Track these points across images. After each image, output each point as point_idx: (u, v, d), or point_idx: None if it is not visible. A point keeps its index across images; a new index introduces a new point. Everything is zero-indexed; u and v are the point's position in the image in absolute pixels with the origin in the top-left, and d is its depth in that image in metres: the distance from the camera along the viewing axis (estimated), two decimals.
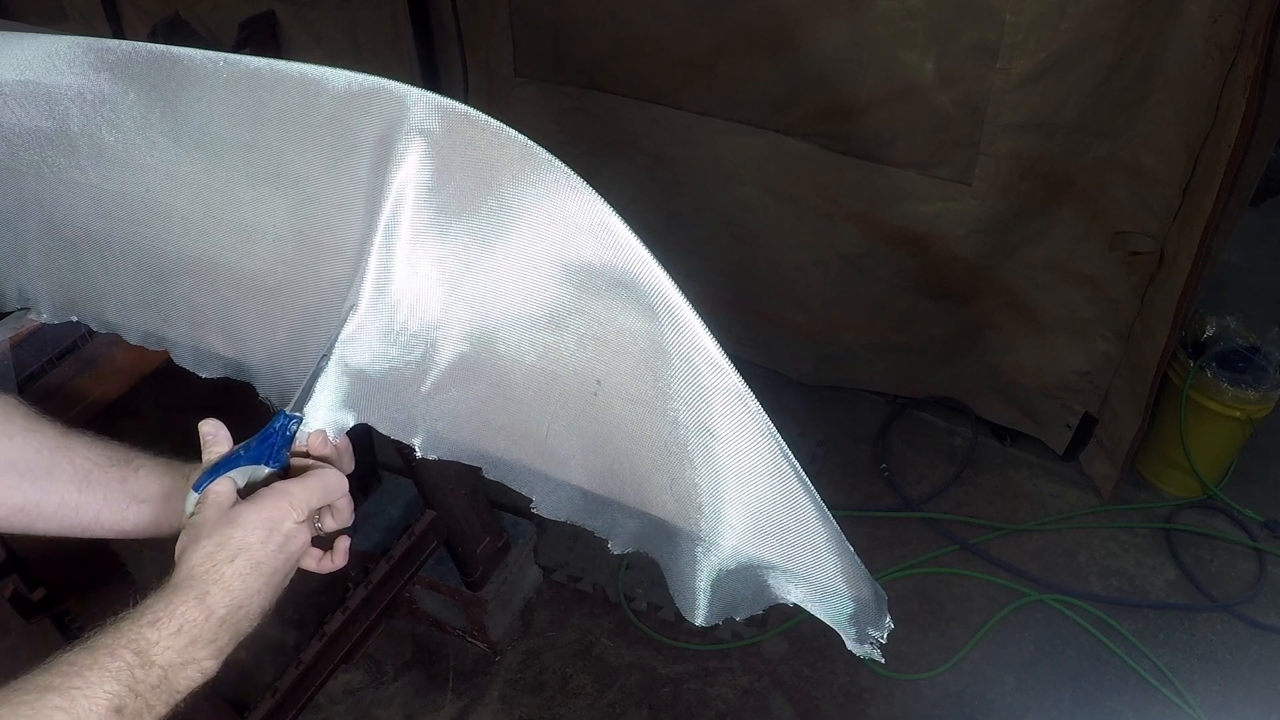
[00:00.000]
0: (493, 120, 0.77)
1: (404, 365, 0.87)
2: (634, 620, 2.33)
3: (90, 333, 1.37)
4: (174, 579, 0.75)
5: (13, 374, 1.30)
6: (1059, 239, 2.27)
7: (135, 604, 0.73)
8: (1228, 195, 1.89)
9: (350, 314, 0.84)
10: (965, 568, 2.44)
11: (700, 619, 0.86)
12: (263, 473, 0.85)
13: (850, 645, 0.84)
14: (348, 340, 0.85)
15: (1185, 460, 2.47)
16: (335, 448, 0.89)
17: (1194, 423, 2.42)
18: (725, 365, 0.76)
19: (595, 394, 0.83)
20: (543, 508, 0.93)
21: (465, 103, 0.78)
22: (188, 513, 0.83)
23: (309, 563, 0.89)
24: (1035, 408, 2.63)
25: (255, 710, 1.69)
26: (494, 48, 2.70)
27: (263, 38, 2.86)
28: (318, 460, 0.88)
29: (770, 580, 0.84)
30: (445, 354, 0.87)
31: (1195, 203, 1.99)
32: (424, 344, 0.87)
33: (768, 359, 2.89)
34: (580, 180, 0.76)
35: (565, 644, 2.30)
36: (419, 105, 0.79)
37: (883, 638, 0.83)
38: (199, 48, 0.88)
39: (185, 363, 1.06)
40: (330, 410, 0.88)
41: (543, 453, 0.90)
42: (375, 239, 0.82)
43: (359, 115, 0.83)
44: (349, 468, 0.90)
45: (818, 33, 2.17)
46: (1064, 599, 2.34)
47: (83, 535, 0.91)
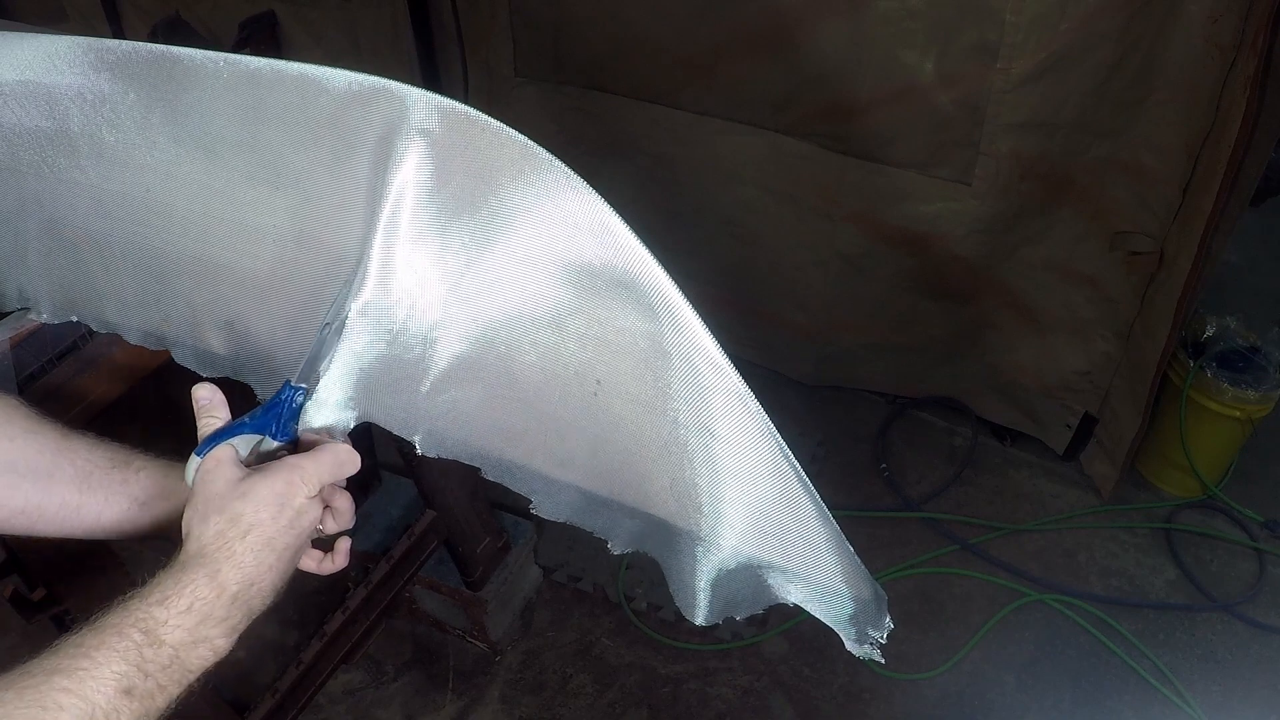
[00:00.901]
0: (493, 120, 0.77)
1: (404, 364, 0.87)
2: (634, 620, 2.33)
3: (90, 333, 1.37)
4: (183, 556, 0.74)
5: (13, 374, 1.30)
6: (1059, 239, 2.27)
7: (143, 582, 0.72)
8: (1228, 195, 1.89)
9: (350, 304, 0.84)
10: (965, 568, 2.44)
11: (700, 618, 0.86)
12: (271, 445, 0.83)
13: (850, 645, 0.84)
14: (349, 333, 0.85)
15: (1185, 460, 2.47)
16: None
17: (1194, 423, 2.42)
18: (725, 365, 0.76)
19: (595, 394, 0.83)
20: (542, 509, 0.93)
21: (465, 103, 0.78)
22: (189, 480, 0.81)
23: (309, 564, 0.89)
24: (1035, 408, 2.63)
25: (255, 710, 1.69)
26: (494, 48, 2.70)
27: (263, 38, 2.86)
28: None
29: (770, 580, 0.84)
30: (445, 354, 0.87)
31: (1195, 203, 1.99)
32: (424, 344, 0.86)
33: (768, 359, 2.89)
34: (580, 180, 0.76)
35: (565, 644, 2.30)
36: (419, 105, 0.79)
37: (882, 638, 0.83)
38: (199, 48, 0.88)
39: (186, 362, 1.05)
40: (334, 410, 0.87)
41: (543, 452, 0.90)
42: (375, 239, 0.82)
43: (359, 115, 0.83)
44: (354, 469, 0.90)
45: (818, 33, 2.17)
46: (1064, 599, 2.34)
47: (83, 536, 0.91)
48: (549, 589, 2.41)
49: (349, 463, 0.84)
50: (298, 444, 0.86)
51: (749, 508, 0.81)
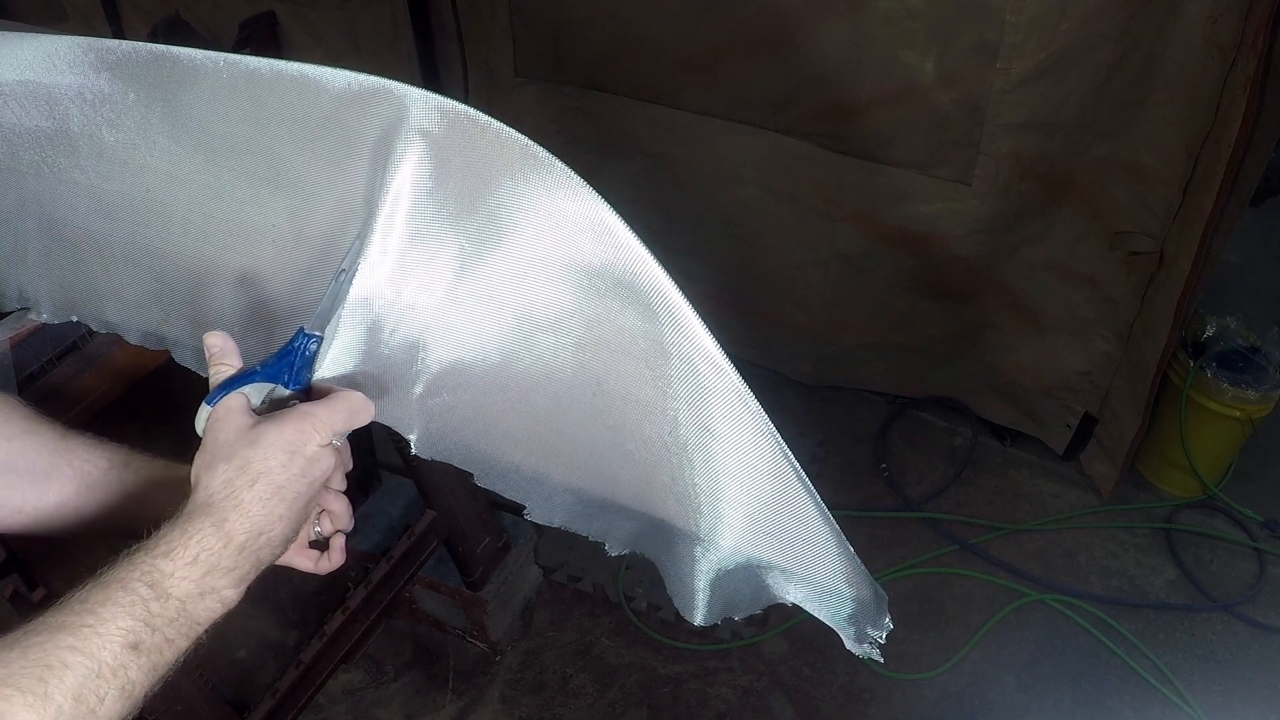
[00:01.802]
0: (493, 120, 0.77)
1: (396, 366, 0.87)
2: (634, 620, 2.33)
3: (90, 333, 1.37)
4: (190, 506, 0.71)
5: (13, 374, 1.30)
6: (1059, 239, 2.27)
7: (149, 534, 0.69)
8: (1228, 195, 1.89)
9: (364, 255, 0.83)
10: (965, 568, 2.44)
11: (699, 618, 0.86)
12: (283, 394, 0.81)
13: (849, 645, 0.84)
14: (341, 332, 0.84)
15: (1185, 460, 2.47)
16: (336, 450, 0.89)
17: (1194, 423, 2.42)
18: (725, 365, 0.76)
19: (595, 394, 0.83)
20: (537, 514, 0.92)
21: (465, 103, 0.78)
22: (200, 430, 0.79)
23: (307, 564, 0.88)
24: (1035, 408, 2.63)
25: (255, 710, 1.69)
26: (494, 48, 2.70)
27: (263, 38, 2.86)
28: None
29: (770, 580, 0.84)
30: (442, 355, 0.87)
31: (1195, 203, 1.99)
32: (418, 346, 0.86)
33: (768, 359, 2.89)
34: (580, 180, 0.76)
35: (565, 644, 2.30)
36: (419, 105, 0.79)
37: (882, 638, 0.83)
38: (199, 48, 0.88)
39: (186, 362, 1.05)
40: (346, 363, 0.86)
41: (541, 453, 0.90)
42: (374, 238, 0.82)
43: (359, 115, 0.82)
44: (347, 467, 0.89)
45: (818, 33, 2.17)
46: (1064, 599, 2.34)
47: (83, 536, 0.91)
48: (549, 589, 2.41)
49: (363, 410, 0.81)
50: (310, 393, 0.83)
51: (748, 508, 0.81)
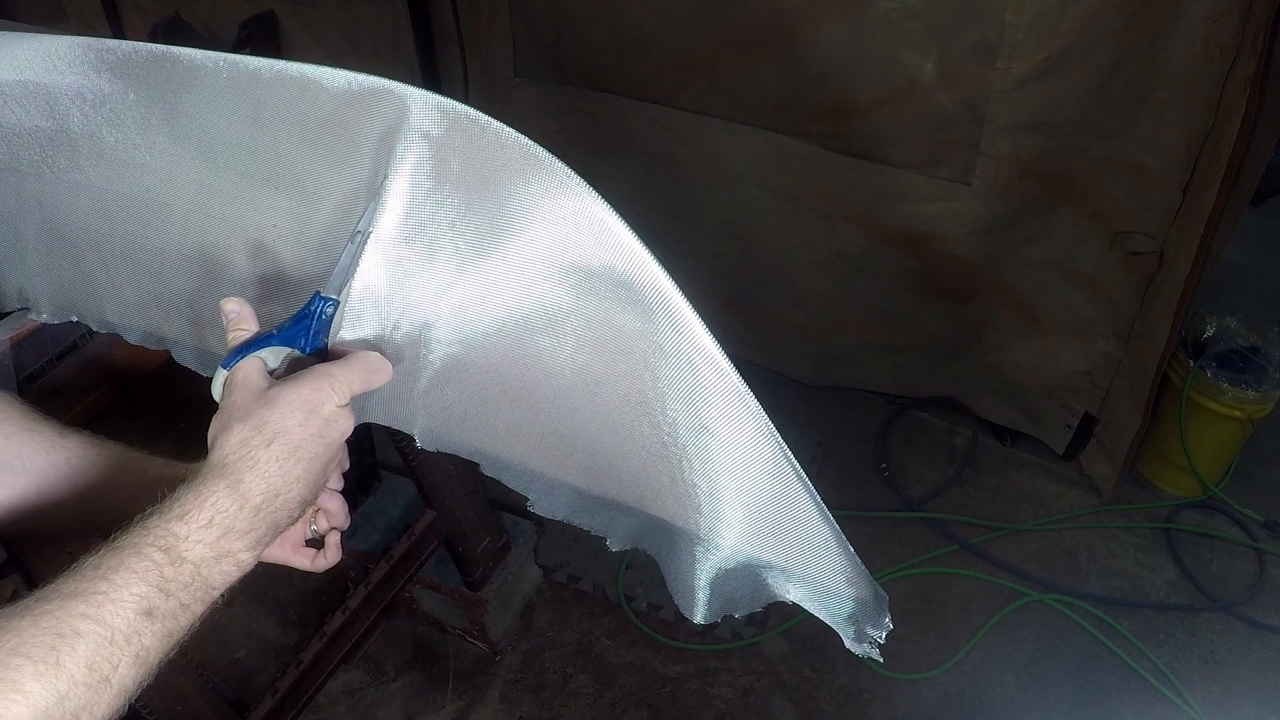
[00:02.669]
0: (493, 120, 0.77)
1: (399, 363, 0.87)
2: (634, 620, 2.33)
3: (90, 333, 1.37)
4: (204, 468, 0.70)
5: (13, 374, 1.30)
6: (1059, 239, 2.27)
7: (162, 499, 0.68)
8: (1228, 195, 1.89)
9: (378, 220, 0.83)
10: (965, 568, 2.44)
11: (699, 617, 0.87)
12: (299, 358, 0.81)
13: (849, 645, 0.84)
14: (355, 304, 0.84)
15: (1185, 460, 2.47)
16: None
17: (1194, 423, 2.42)
18: (725, 365, 0.76)
19: (594, 394, 0.83)
20: (539, 506, 0.93)
21: (465, 103, 0.78)
22: (216, 395, 0.78)
23: (304, 563, 0.88)
24: (1035, 408, 2.63)
25: (255, 710, 1.69)
26: (494, 48, 2.70)
27: (263, 38, 2.86)
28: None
29: (769, 579, 0.84)
30: (442, 354, 0.87)
31: (1195, 203, 1.99)
32: (421, 343, 0.86)
33: (768, 359, 2.89)
34: (580, 180, 0.76)
35: (565, 644, 2.30)
36: (419, 106, 0.79)
37: (882, 637, 0.83)
38: (199, 48, 0.88)
39: (186, 362, 1.06)
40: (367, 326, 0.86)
41: (541, 452, 0.90)
42: (374, 238, 0.82)
43: (359, 115, 0.83)
44: (344, 466, 0.89)
45: (818, 33, 2.17)
46: (1064, 599, 2.34)
47: (81, 535, 0.91)
48: (549, 589, 2.41)
49: (380, 370, 0.81)
50: (327, 356, 0.83)
51: (748, 507, 0.81)
